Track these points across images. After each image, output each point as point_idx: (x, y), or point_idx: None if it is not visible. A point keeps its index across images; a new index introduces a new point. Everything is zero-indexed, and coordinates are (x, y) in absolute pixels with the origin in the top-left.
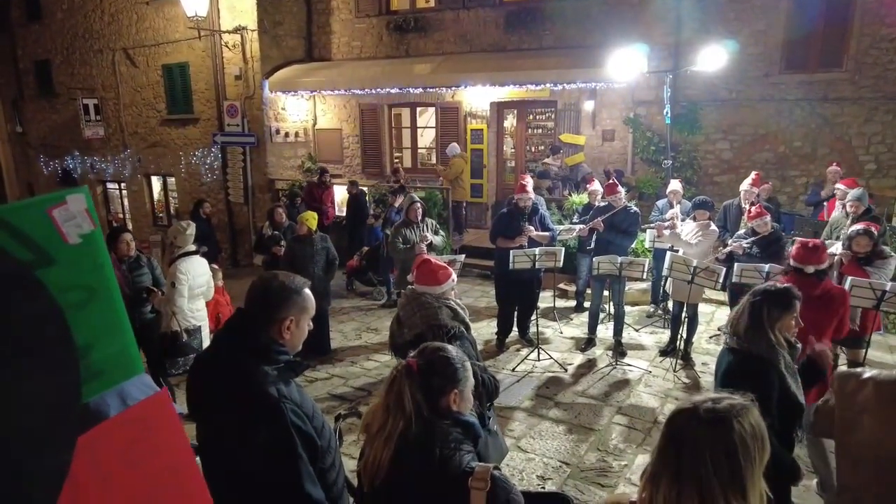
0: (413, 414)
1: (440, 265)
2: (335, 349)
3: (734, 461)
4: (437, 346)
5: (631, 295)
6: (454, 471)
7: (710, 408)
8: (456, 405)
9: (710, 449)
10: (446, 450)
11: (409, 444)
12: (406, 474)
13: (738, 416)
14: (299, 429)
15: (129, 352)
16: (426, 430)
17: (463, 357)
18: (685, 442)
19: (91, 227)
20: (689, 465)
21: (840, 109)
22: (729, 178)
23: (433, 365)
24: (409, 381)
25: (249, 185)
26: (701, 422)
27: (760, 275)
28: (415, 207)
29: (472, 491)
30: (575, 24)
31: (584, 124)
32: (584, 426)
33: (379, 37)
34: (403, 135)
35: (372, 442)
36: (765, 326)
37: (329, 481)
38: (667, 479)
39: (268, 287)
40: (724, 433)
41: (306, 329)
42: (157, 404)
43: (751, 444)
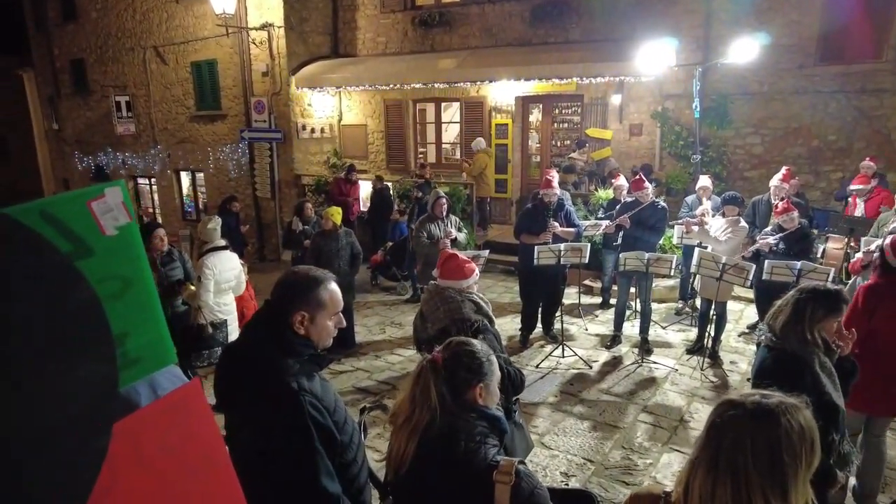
0: (438, 407)
1: (466, 260)
2: (360, 343)
3: (776, 456)
4: (463, 340)
5: (658, 292)
6: (479, 464)
7: (757, 401)
8: (482, 399)
9: (752, 439)
10: (471, 443)
11: (434, 437)
12: (430, 466)
13: (786, 412)
14: (318, 422)
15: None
16: (451, 423)
17: (488, 351)
18: (726, 430)
19: (127, 220)
20: (727, 453)
21: (879, 101)
22: (759, 173)
23: (458, 359)
24: (434, 374)
25: (276, 180)
26: (746, 412)
27: (792, 272)
28: (440, 203)
29: (497, 485)
30: (602, 17)
31: (610, 118)
32: (608, 424)
33: (404, 32)
34: (428, 130)
35: (398, 433)
36: (804, 324)
37: (350, 476)
38: (704, 466)
39: (284, 281)
40: (768, 426)
41: (328, 325)
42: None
43: (797, 444)
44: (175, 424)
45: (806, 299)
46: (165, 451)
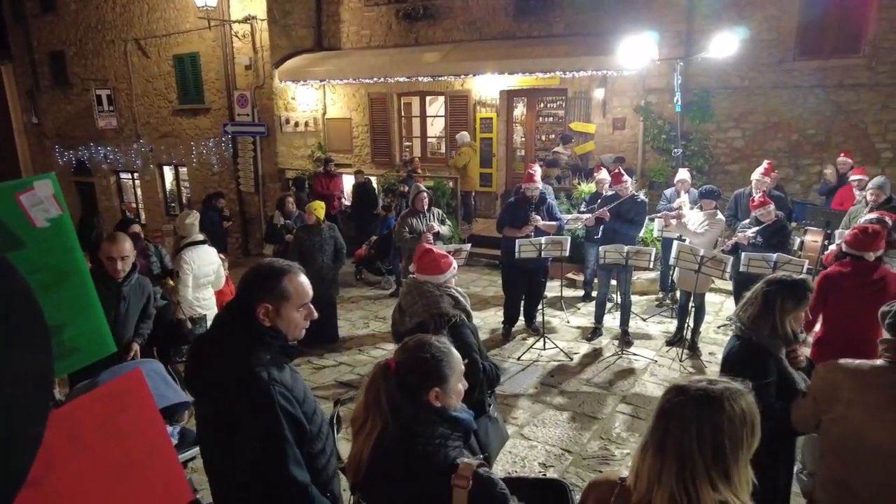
0: (390, 414)
1: (442, 254)
2: (343, 337)
3: (719, 440)
4: (419, 342)
5: (639, 284)
6: (437, 467)
7: (703, 387)
8: (439, 401)
9: (697, 424)
10: (429, 446)
11: (389, 442)
12: (386, 471)
13: (730, 398)
14: (287, 412)
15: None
16: (407, 427)
17: (446, 352)
18: (673, 415)
19: (59, 212)
20: (674, 437)
21: (856, 96)
22: (741, 166)
23: (412, 364)
24: (385, 381)
25: (260, 174)
26: (691, 398)
27: (768, 264)
28: (421, 197)
29: (455, 489)
30: (585, 11)
31: (594, 112)
32: (587, 415)
33: (388, 25)
34: (413, 124)
35: (355, 438)
36: (775, 315)
37: (318, 466)
38: (652, 450)
39: (249, 273)
40: (712, 411)
41: (294, 316)
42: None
43: (739, 428)
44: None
45: (775, 291)
46: (105, 438)
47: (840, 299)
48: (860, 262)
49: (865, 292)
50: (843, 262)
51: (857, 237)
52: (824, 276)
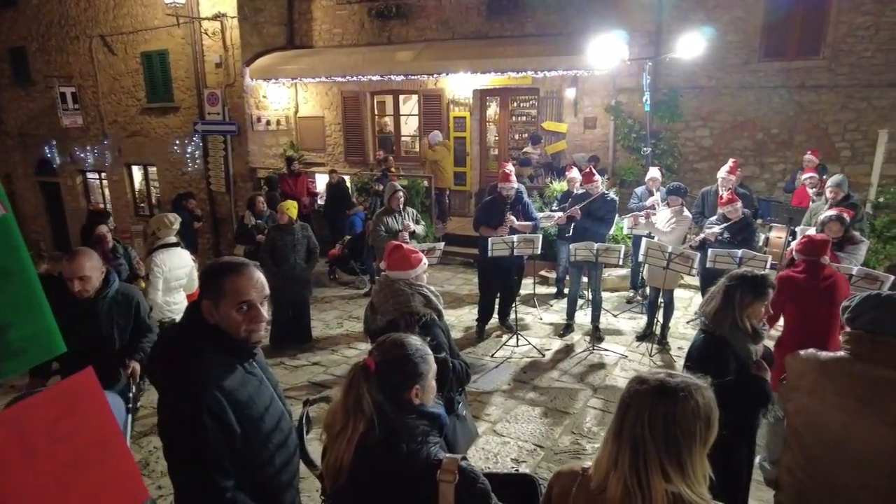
0: (375, 415)
1: (412, 249)
2: (316, 337)
3: (671, 431)
4: (396, 340)
5: (610, 281)
6: (422, 464)
7: (661, 378)
8: (419, 398)
9: (651, 413)
10: (413, 444)
11: (373, 443)
12: (371, 473)
13: (686, 391)
14: (218, 417)
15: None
16: (390, 429)
17: (422, 348)
18: (631, 405)
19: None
20: (629, 425)
21: (817, 97)
22: (709, 164)
23: (392, 363)
24: (366, 382)
25: (231, 173)
26: (650, 388)
27: (734, 260)
28: (397, 196)
29: (441, 484)
30: (556, 11)
31: (566, 112)
32: (559, 410)
33: (360, 24)
34: (387, 122)
35: (333, 443)
36: (734, 309)
37: (265, 475)
38: (611, 437)
39: (202, 270)
40: (667, 403)
41: (231, 315)
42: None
43: (692, 420)
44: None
45: (735, 286)
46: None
47: (799, 300)
48: (813, 262)
49: (820, 287)
50: (796, 264)
51: (806, 246)
52: (783, 278)
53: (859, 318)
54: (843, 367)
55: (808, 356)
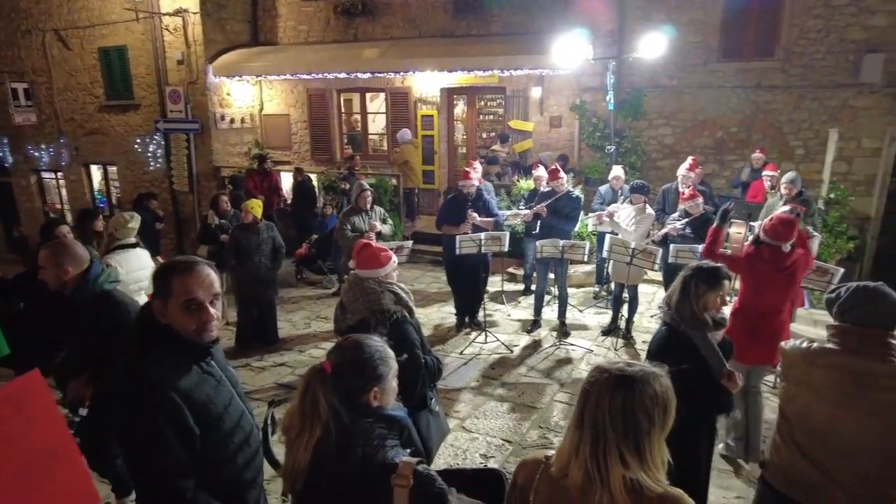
0: (331, 419)
1: (381, 248)
2: (283, 338)
3: (630, 418)
4: (354, 342)
5: (576, 277)
6: (377, 468)
7: (621, 368)
8: (377, 401)
9: (610, 401)
10: (369, 447)
11: (329, 449)
12: (327, 477)
13: (644, 379)
14: (174, 418)
15: None
16: (347, 431)
17: (382, 351)
18: (591, 393)
19: None
20: (590, 413)
21: (772, 97)
22: (671, 162)
23: (350, 366)
24: (323, 386)
25: (194, 172)
26: (609, 378)
27: (694, 255)
28: (364, 195)
29: (395, 489)
30: (522, 10)
31: (532, 111)
32: (527, 405)
33: (326, 21)
34: (354, 120)
35: (291, 448)
36: (691, 300)
37: (226, 474)
38: (572, 425)
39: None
40: (625, 390)
41: (178, 314)
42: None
43: (650, 407)
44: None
45: (691, 276)
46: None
47: (757, 280)
48: (777, 251)
49: (777, 277)
50: (759, 248)
51: (774, 227)
52: (746, 255)
53: (849, 312)
54: (830, 358)
55: (796, 347)
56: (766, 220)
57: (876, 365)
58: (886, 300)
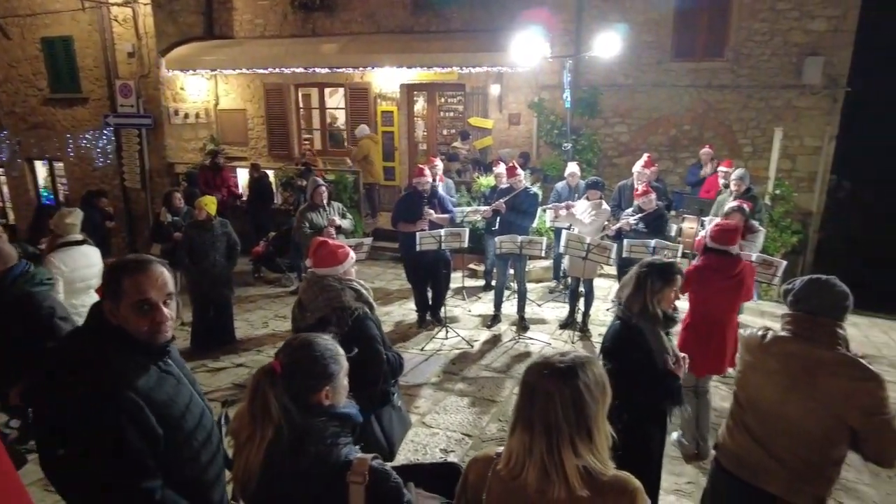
0: (283, 420)
1: (338, 245)
2: (241, 338)
3: (580, 407)
4: (303, 341)
5: (535, 272)
6: (332, 466)
7: (557, 360)
8: (329, 399)
9: (560, 397)
10: (322, 446)
11: (282, 449)
12: (280, 478)
13: (582, 367)
14: (136, 419)
15: None
16: (298, 433)
17: (333, 349)
18: (538, 394)
19: None
20: (540, 412)
21: (722, 96)
22: (627, 159)
23: (299, 366)
24: (272, 387)
25: (147, 169)
26: (551, 374)
27: (647, 249)
28: (320, 191)
29: (351, 486)
30: (481, 8)
31: (491, 108)
32: (486, 398)
33: (283, 15)
34: (312, 116)
35: (241, 451)
36: (645, 295)
37: (189, 473)
38: (521, 426)
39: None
40: (571, 382)
41: (130, 315)
42: None
43: (594, 390)
44: None
45: (646, 272)
46: None
47: (706, 290)
48: (725, 257)
49: (725, 285)
50: (709, 256)
51: (719, 233)
52: (693, 269)
53: (802, 302)
54: (782, 346)
55: (753, 335)
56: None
57: (824, 352)
58: (835, 291)
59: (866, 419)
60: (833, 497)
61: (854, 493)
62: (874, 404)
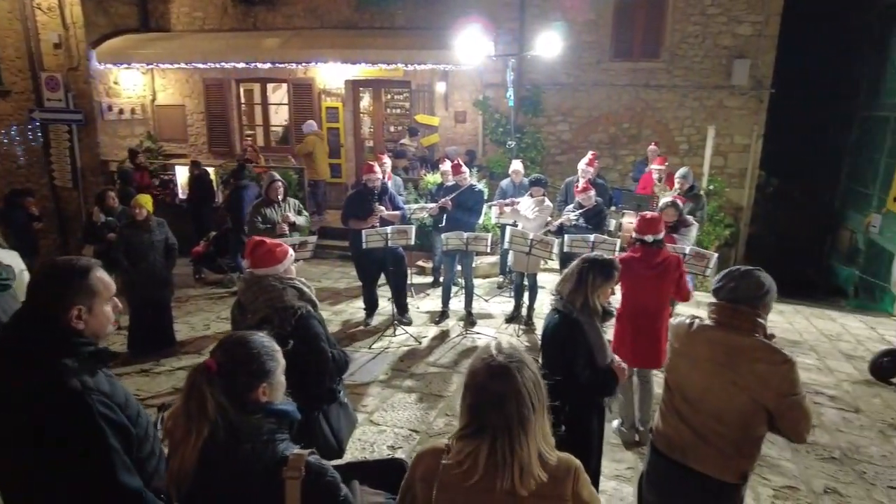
0: (219, 419)
1: (275, 243)
2: (182, 341)
3: (523, 406)
4: (239, 339)
5: (482, 268)
6: (267, 462)
7: (499, 364)
8: (266, 396)
9: (506, 400)
10: (258, 443)
11: (217, 448)
12: (215, 477)
13: (519, 367)
14: (110, 419)
15: None
16: (234, 431)
17: (269, 346)
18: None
19: None
20: (490, 419)
21: (659, 95)
22: (569, 157)
23: (236, 363)
24: (209, 386)
25: (78, 167)
26: (493, 376)
27: (587, 244)
28: (275, 186)
29: (287, 480)
30: (425, 5)
31: (437, 105)
32: (434, 394)
33: (223, 8)
34: (255, 111)
35: (175, 450)
36: (587, 290)
37: (150, 469)
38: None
39: (47, 274)
40: (512, 385)
41: (106, 311)
42: None
43: (533, 390)
44: None
45: (588, 268)
46: None
47: (633, 279)
48: (648, 246)
49: (651, 273)
50: (634, 247)
51: (640, 223)
52: (620, 260)
53: (722, 290)
54: (706, 333)
55: (681, 323)
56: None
57: (744, 339)
58: (750, 279)
59: (780, 399)
60: (757, 473)
61: (777, 469)
62: (787, 385)
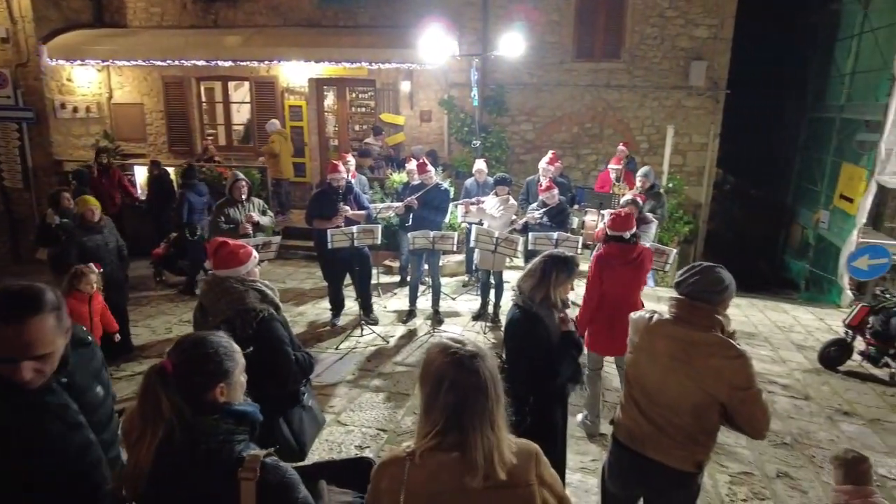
0: (174, 419)
1: (238, 244)
2: (142, 345)
3: (486, 398)
4: (196, 339)
5: (449, 267)
6: (222, 464)
7: (461, 356)
8: (224, 396)
9: (472, 396)
10: (214, 444)
11: (173, 448)
12: (170, 478)
13: (480, 364)
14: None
15: None
16: (189, 431)
17: (227, 346)
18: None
19: None
20: (456, 418)
21: (620, 95)
22: (533, 156)
23: (192, 363)
24: (164, 386)
25: (30, 167)
26: (457, 367)
27: (550, 241)
28: (238, 185)
29: (242, 482)
30: (389, 4)
31: (402, 104)
32: (401, 393)
33: (182, 4)
34: (216, 110)
35: (132, 451)
36: (549, 286)
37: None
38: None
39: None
40: (475, 376)
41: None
42: None
43: (493, 384)
44: None
45: (551, 265)
46: None
47: (611, 274)
48: (623, 243)
49: (628, 268)
50: (610, 244)
51: (614, 221)
52: (598, 257)
53: (683, 284)
54: (664, 328)
55: (641, 317)
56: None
57: (700, 334)
58: (710, 276)
59: (734, 393)
60: (714, 460)
61: (733, 456)
62: (740, 379)
